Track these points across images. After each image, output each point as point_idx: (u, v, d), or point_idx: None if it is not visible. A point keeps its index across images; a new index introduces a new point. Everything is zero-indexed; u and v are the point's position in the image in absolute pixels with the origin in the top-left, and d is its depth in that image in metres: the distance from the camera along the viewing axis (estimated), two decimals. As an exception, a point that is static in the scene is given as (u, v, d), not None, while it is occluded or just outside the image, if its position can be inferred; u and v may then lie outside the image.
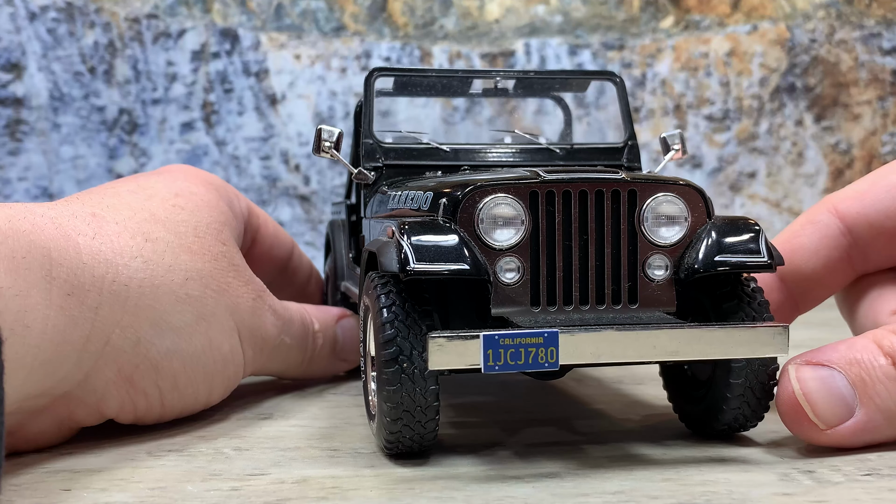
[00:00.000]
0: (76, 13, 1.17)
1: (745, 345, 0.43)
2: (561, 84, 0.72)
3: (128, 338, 0.49)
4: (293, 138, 1.21)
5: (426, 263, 0.43)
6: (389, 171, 0.60)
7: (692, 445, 0.49)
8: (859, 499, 0.40)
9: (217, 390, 0.55)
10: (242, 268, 0.57)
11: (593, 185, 0.46)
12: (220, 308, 0.54)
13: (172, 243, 0.52)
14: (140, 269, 0.50)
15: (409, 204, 0.51)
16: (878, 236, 0.53)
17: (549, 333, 0.41)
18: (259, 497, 0.41)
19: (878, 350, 0.45)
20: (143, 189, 0.56)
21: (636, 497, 0.40)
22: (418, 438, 0.45)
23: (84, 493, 0.42)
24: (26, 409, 0.47)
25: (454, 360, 0.41)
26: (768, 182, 1.23)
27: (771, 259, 0.46)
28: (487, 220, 0.45)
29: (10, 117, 1.17)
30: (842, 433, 0.45)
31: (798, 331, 0.50)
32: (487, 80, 0.68)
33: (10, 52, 1.16)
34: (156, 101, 1.19)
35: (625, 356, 0.42)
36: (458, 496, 0.41)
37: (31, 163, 1.18)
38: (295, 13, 1.20)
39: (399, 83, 0.67)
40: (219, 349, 0.54)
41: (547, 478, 0.43)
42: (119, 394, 0.50)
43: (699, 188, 0.47)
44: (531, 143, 0.64)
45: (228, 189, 0.63)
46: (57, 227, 0.47)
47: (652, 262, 0.46)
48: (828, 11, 1.23)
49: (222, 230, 0.57)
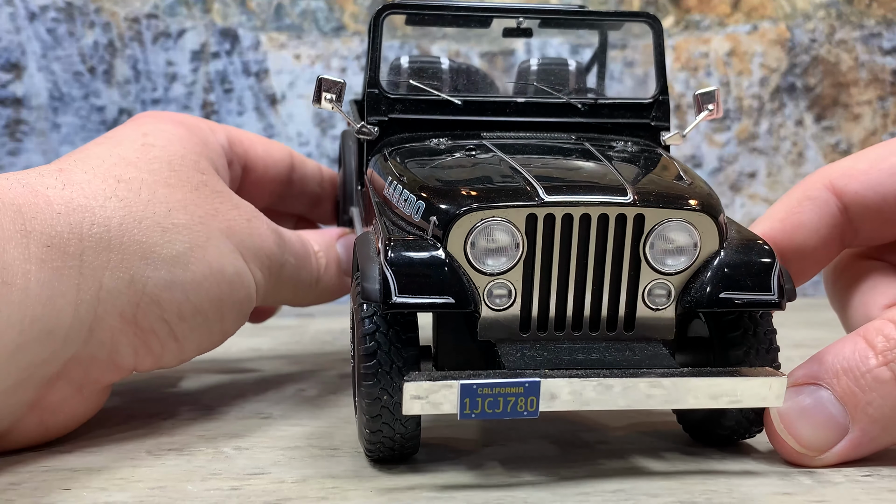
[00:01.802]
0: (76, 13, 1.17)
1: (739, 396, 0.41)
2: (591, 25, 0.65)
3: (120, 277, 0.48)
4: (293, 138, 1.21)
5: (409, 296, 0.41)
6: (395, 124, 0.55)
7: (692, 446, 0.49)
8: (859, 499, 0.40)
9: (229, 316, 0.54)
10: (227, 194, 0.56)
11: (597, 209, 0.42)
12: (214, 231, 0.52)
13: (147, 181, 0.51)
14: (118, 209, 0.49)
15: (401, 203, 0.47)
16: (874, 217, 0.52)
17: (530, 383, 0.39)
18: (259, 496, 0.41)
19: (869, 350, 0.43)
20: (110, 139, 0.55)
21: (636, 495, 0.40)
22: (399, 447, 0.44)
23: (84, 492, 0.42)
24: (39, 378, 0.46)
25: (429, 407, 0.39)
26: (768, 182, 1.23)
27: (781, 297, 0.43)
28: (479, 246, 0.42)
29: (10, 117, 1.17)
30: (836, 454, 0.43)
31: (798, 331, 0.50)
32: (509, 21, 0.60)
33: (10, 52, 1.16)
34: (156, 101, 1.19)
35: (609, 404, 0.40)
36: (458, 496, 0.41)
37: (30, 163, 1.18)
38: (295, 13, 1.20)
39: (412, 18, 0.60)
40: (221, 273, 0.52)
41: (547, 477, 0.43)
42: (128, 340, 0.49)
43: (713, 210, 0.43)
44: (550, 96, 0.58)
45: (201, 123, 0.61)
46: (24, 186, 0.47)
47: (654, 289, 0.43)
48: (828, 11, 1.23)
49: (199, 160, 0.56)
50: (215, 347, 0.56)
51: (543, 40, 1.22)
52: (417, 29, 1.21)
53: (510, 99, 0.57)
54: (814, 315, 0.60)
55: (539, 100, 0.57)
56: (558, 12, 0.60)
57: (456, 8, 0.59)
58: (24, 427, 0.48)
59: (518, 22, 0.60)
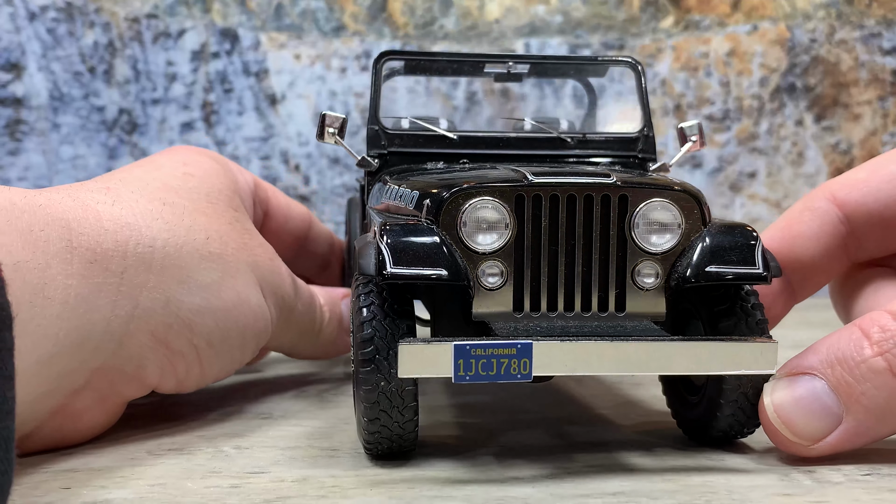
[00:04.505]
0: (76, 13, 1.17)
1: (729, 361, 0.42)
2: (577, 70, 0.69)
3: (156, 298, 0.49)
4: (293, 138, 1.21)
5: (403, 267, 0.42)
6: (394, 157, 0.58)
7: (691, 447, 0.49)
8: (859, 499, 0.40)
9: (249, 346, 0.56)
10: (254, 232, 0.58)
11: (582, 190, 0.44)
12: (243, 264, 0.54)
13: (188, 207, 0.53)
14: (163, 231, 0.50)
15: (397, 200, 0.49)
16: (876, 225, 0.53)
17: (522, 344, 0.40)
18: (259, 494, 0.41)
19: (865, 340, 0.43)
20: (151, 163, 0.57)
21: (636, 498, 0.40)
22: (397, 439, 0.45)
23: (84, 490, 0.42)
24: (67, 387, 0.47)
25: (424, 368, 0.40)
26: (768, 182, 1.23)
27: (767, 270, 0.44)
28: (470, 224, 0.43)
29: (10, 117, 1.17)
30: (831, 445, 0.43)
31: (798, 331, 0.50)
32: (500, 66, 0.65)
33: (10, 52, 1.16)
34: (155, 101, 1.19)
35: (601, 369, 0.41)
36: (458, 495, 0.41)
37: (30, 163, 1.18)
38: (295, 13, 1.20)
39: (409, 65, 0.64)
40: (247, 303, 0.54)
41: (547, 478, 0.43)
42: (157, 357, 0.50)
43: (696, 193, 0.45)
44: (541, 131, 0.61)
45: (230, 163, 0.63)
46: (74, 200, 0.47)
47: (642, 269, 0.45)
48: (828, 11, 1.23)
49: (233, 197, 0.58)
50: (228, 376, 0.57)
51: (543, 40, 1.22)
52: (419, 29, 1.21)
53: (503, 134, 0.60)
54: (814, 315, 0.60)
55: (530, 135, 0.61)
56: (545, 57, 0.66)
57: (450, 55, 0.64)
58: (43, 432, 0.48)
59: (508, 67, 0.64)
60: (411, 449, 0.46)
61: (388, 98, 0.69)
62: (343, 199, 1.22)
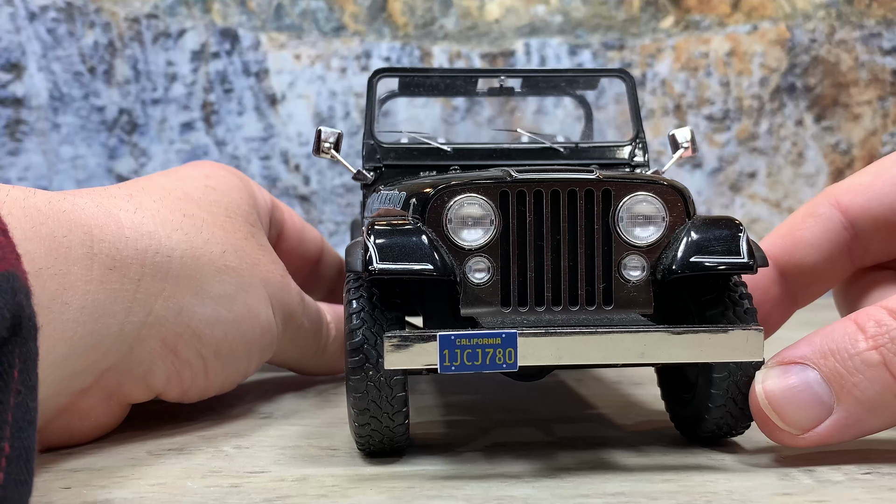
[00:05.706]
0: (76, 13, 1.17)
1: (715, 349, 0.42)
2: (568, 82, 0.70)
3: (170, 307, 0.49)
4: (293, 138, 1.21)
5: (389, 263, 0.43)
6: (389, 171, 0.59)
7: (691, 446, 0.49)
8: (859, 498, 0.40)
9: (255, 359, 0.56)
10: (269, 249, 0.59)
11: (565, 185, 0.45)
12: (256, 279, 0.55)
13: (207, 220, 0.54)
14: (182, 241, 0.51)
15: (387, 203, 0.51)
16: (881, 230, 0.53)
17: (507, 334, 0.40)
18: (259, 494, 0.41)
19: (860, 334, 0.43)
20: (173, 174, 0.58)
21: (636, 498, 0.40)
22: (388, 432, 0.45)
23: (84, 490, 0.42)
24: (75, 388, 0.48)
25: (410, 359, 0.41)
26: (768, 182, 1.23)
27: (752, 260, 0.44)
28: (456, 220, 0.44)
29: (10, 117, 1.17)
30: (820, 434, 0.43)
31: (798, 331, 0.50)
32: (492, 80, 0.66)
33: (10, 52, 1.16)
34: (156, 101, 1.19)
35: (587, 358, 0.41)
36: (458, 495, 0.41)
37: (30, 163, 1.18)
38: (295, 13, 1.20)
39: (403, 83, 0.66)
40: (257, 318, 0.55)
41: (547, 478, 0.43)
42: (165, 364, 0.51)
43: (679, 187, 0.46)
44: (535, 142, 0.63)
45: (251, 181, 0.64)
46: (97, 206, 0.48)
47: (627, 262, 0.45)
48: (828, 11, 1.23)
49: (250, 213, 0.59)
50: (231, 389, 0.58)
51: (543, 40, 1.22)
52: (419, 29, 1.21)
53: (497, 145, 0.61)
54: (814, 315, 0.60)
55: (524, 146, 0.62)
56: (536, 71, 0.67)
57: (444, 70, 0.66)
58: (50, 430, 0.48)
59: (500, 81, 0.66)
60: (403, 445, 0.46)
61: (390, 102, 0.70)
62: (343, 200, 1.22)
